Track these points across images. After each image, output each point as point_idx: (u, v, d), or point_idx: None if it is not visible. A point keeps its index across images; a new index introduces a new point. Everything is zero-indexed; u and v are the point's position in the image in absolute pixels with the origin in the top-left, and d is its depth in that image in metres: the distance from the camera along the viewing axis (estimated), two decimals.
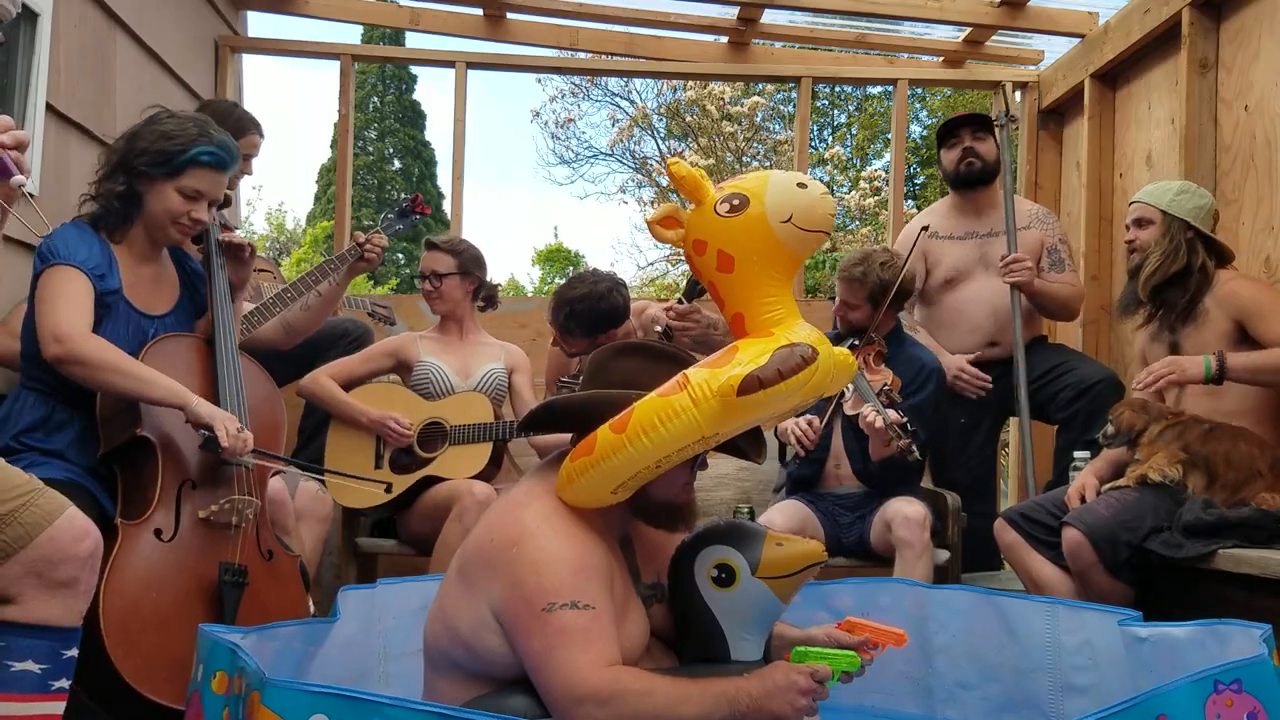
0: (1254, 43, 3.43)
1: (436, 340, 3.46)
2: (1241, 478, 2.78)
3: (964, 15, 4.57)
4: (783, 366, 1.56)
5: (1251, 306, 2.88)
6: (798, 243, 1.67)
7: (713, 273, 1.71)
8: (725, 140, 14.20)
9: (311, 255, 16.91)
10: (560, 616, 1.61)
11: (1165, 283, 2.97)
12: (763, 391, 1.55)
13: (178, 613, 2.18)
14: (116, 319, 2.33)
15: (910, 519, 3.00)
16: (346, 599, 2.31)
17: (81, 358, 2.17)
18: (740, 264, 1.67)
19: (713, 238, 1.69)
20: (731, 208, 1.67)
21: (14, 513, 1.68)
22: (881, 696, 2.63)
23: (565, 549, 1.67)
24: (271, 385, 2.64)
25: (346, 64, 4.72)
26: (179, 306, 2.51)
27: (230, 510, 2.31)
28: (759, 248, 1.66)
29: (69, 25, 3.14)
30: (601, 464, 1.65)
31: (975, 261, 3.82)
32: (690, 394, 1.60)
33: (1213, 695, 1.59)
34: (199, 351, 2.45)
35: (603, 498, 1.72)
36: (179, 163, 2.34)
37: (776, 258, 1.68)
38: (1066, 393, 3.58)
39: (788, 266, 1.71)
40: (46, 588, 1.70)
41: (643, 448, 1.61)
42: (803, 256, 1.74)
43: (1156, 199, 3.06)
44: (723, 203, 1.68)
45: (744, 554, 1.76)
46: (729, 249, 1.67)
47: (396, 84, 24.31)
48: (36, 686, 1.69)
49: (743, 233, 1.66)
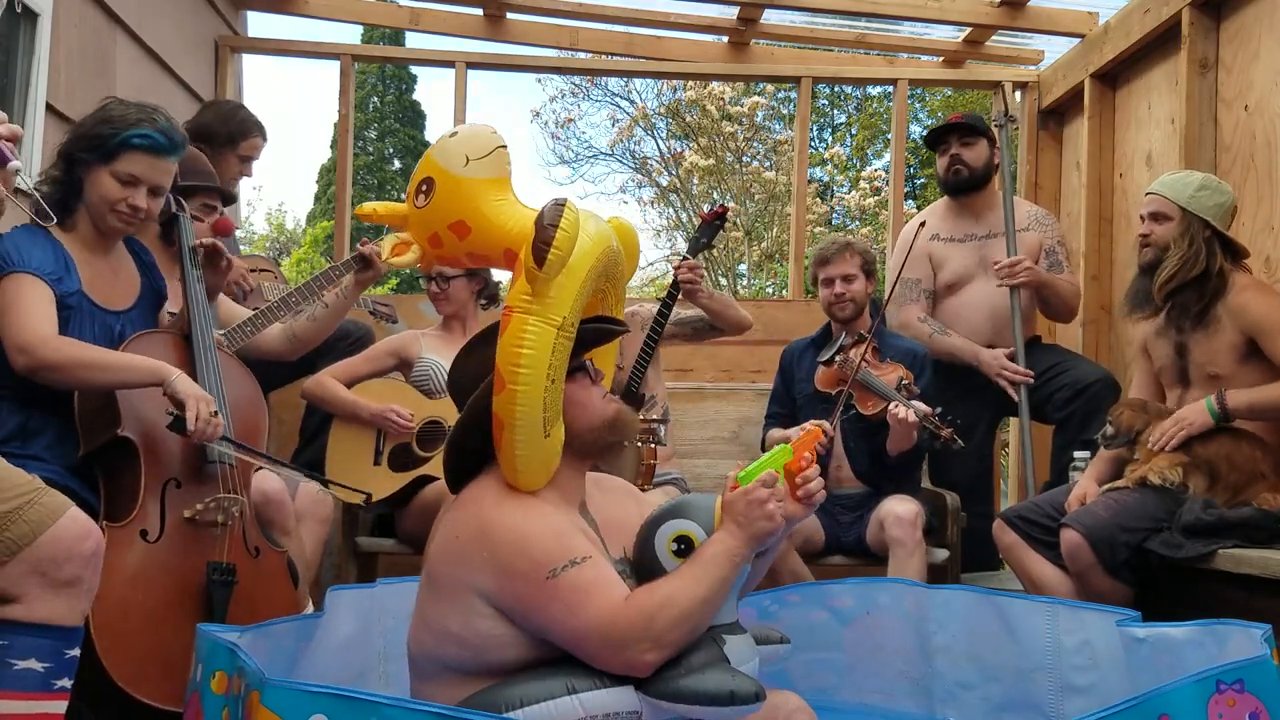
0: (1254, 43, 3.43)
1: (439, 338, 3.46)
2: (1243, 479, 2.78)
3: (964, 15, 4.57)
4: (547, 221, 1.62)
5: (1263, 323, 2.79)
6: (490, 169, 1.81)
7: (459, 245, 1.84)
8: (725, 140, 14.18)
9: (311, 255, 16.89)
10: (566, 577, 1.65)
11: (1182, 286, 2.89)
12: (552, 250, 1.60)
13: (166, 613, 2.16)
14: (81, 319, 2.29)
15: (902, 518, 3.01)
16: (338, 599, 2.32)
17: (51, 364, 2.13)
18: (470, 219, 1.80)
19: (433, 224, 1.83)
20: (424, 193, 1.81)
21: (17, 511, 1.68)
22: (881, 696, 2.63)
23: (533, 520, 1.72)
24: (254, 386, 2.61)
25: (346, 64, 4.73)
26: (142, 299, 2.47)
27: (216, 509, 2.29)
28: (466, 200, 1.80)
29: (69, 25, 3.15)
30: (513, 423, 1.67)
31: (975, 265, 3.81)
32: (515, 308, 1.66)
33: (1215, 695, 1.60)
34: (176, 349, 2.41)
35: (544, 450, 1.73)
36: (112, 146, 2.27)
37: (483, 194, 1.80)
38: (1063, 393, 3.58)
39: (499, 190, 1.84)
40: (50, 587, 1.70)
41: (526, 378, 1.64)
42: (504, 175, 1.85)
43: (1176, 193, 2.92)
44: (416, 198, 1.82)
45: (697, 521, 1.82)
46: (453, 219, 1.81)
47: (396, 84, 24.30)
48: (39, 685, 1.70)
49: (449, 199, 1.80)
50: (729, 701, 1.65)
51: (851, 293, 3.35)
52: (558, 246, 1.61)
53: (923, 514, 3.08)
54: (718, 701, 1.65)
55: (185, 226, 2.54)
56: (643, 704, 1.69)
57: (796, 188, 5.02)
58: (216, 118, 3.60)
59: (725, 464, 3.86)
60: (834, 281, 3.36)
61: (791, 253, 4.94)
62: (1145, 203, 3.02)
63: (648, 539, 1.85)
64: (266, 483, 2.65)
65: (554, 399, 1.70)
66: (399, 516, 3.28)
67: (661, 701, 1.68)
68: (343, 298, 2.98)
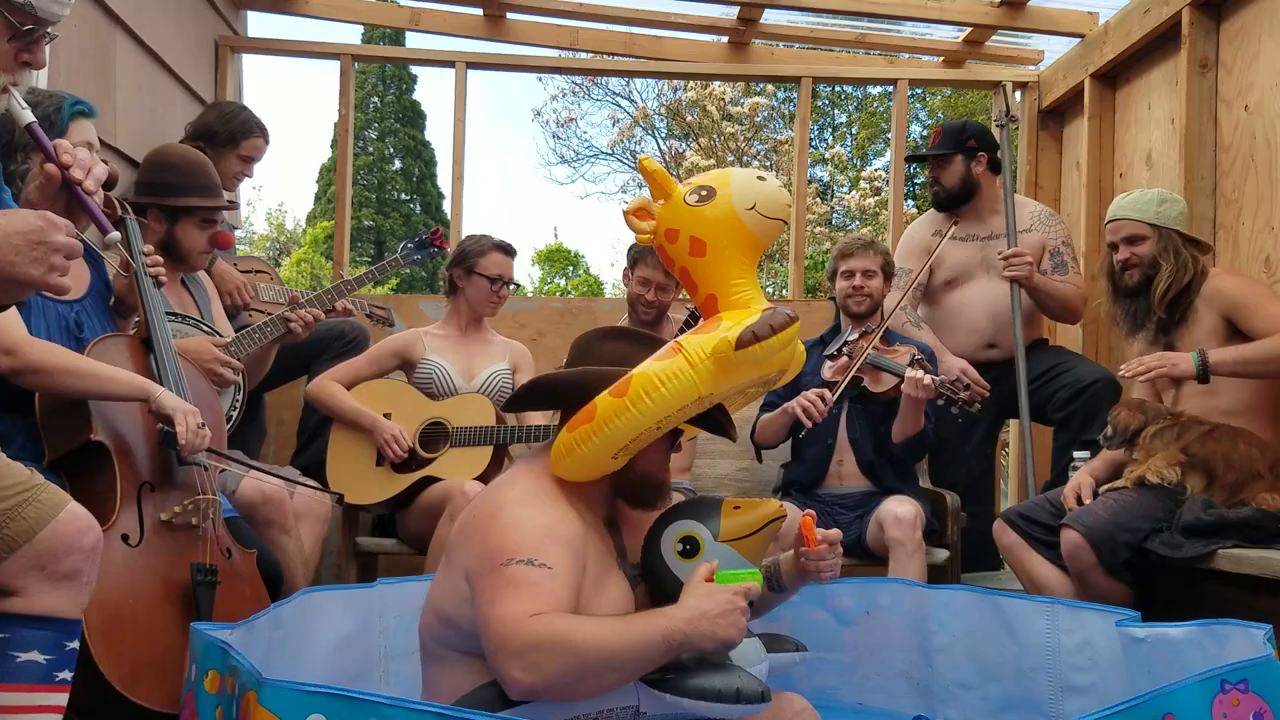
0: (1254, 43, 3.43)
1: (443, 338, 3.45)
2: (1241, 479, 2.78)
3: (964, 15, 4.57)
4: (773, 322, 1.71)
5: (1239, 300, 2.92)
6: (761, 229, 1.84)
7: (685, 258, 1.86)
8: (726, 140, 14.20)
9: (312, 255, 16.89)
10: (513, 570, 1.62)
11: (1179, 294, 2.98)
12: (756, 345, 1.69)
13: (155, 616, 2.17)
14: (33, 313, 2.28)
15: (902, 518, 3.01)
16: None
17: (36, 366, 2.13)
18: (711, 248, 1.83)
19: (684, 225, 1.84)
20: (700, 198, 1.83)
21: (17, 508, 1.68)
22: (881, 696, 2.63)
23: (538, 515, 1.72)
24: (207, 384, 2.61)
25: (346, 64, 4.72)
26: (92, 289, 2.46)
27: (194, 511, 2.30)
28: (726, 232, 1.83)
29: (69, 25, 3.14)
30: (605, 428, 1.72)
31: (976, 264, 3.83)
32: (686, 357, 1.73)
33: (1219, 695, 1.60)
34: (136, 352, 2.41)
35: (604, 464, 1.78)
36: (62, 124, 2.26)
37: (742, 243, 1.84)
38: (1063, 393, 3.58)
39: (752, 252, 1.87)
40: (49, 580, 1.70)
41: (645, 409, 1.70)
42: (764, 244, 1.90)
43: (1143, 213, 3.05)
44: (691, 194, 1.84)
45: (704, 524, 1.84)
46: (700, 234, 1.83)
47: (396, 84, 24.31)
48: (42, 677, 1.70)
49: (712, 219, 1.82)
50: (735, 699, 1.66)
51: (870, 287, 3.39)
52: (762, 347, 1.70)
53: (923, 515, 3.09)
54: (723, 699, 1.66)
55: (133, 230, 2.53)
56: (645, 697, 1.69)
57: (796, 188, 5.02)
58: (218, 118, 3.59)
59: (725, 464, 3.86)
60: (854, 275, 3.40)
61: (791, 253, 4.94)
62: (1114, 229, 3.11)
63: (654, 539, 1.87)
64: (265, 483, 2.65)
65: (645, 439, 1.76)
66: (400, 517, 3.28)
67: (665, 695, 1.68)
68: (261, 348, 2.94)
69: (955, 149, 3.82)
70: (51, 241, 1.53)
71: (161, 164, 2.86)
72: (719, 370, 1.72)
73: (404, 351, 3.41)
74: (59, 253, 1.54)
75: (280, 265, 16.20)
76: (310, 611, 2.30)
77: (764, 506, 1.90)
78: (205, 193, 2.87)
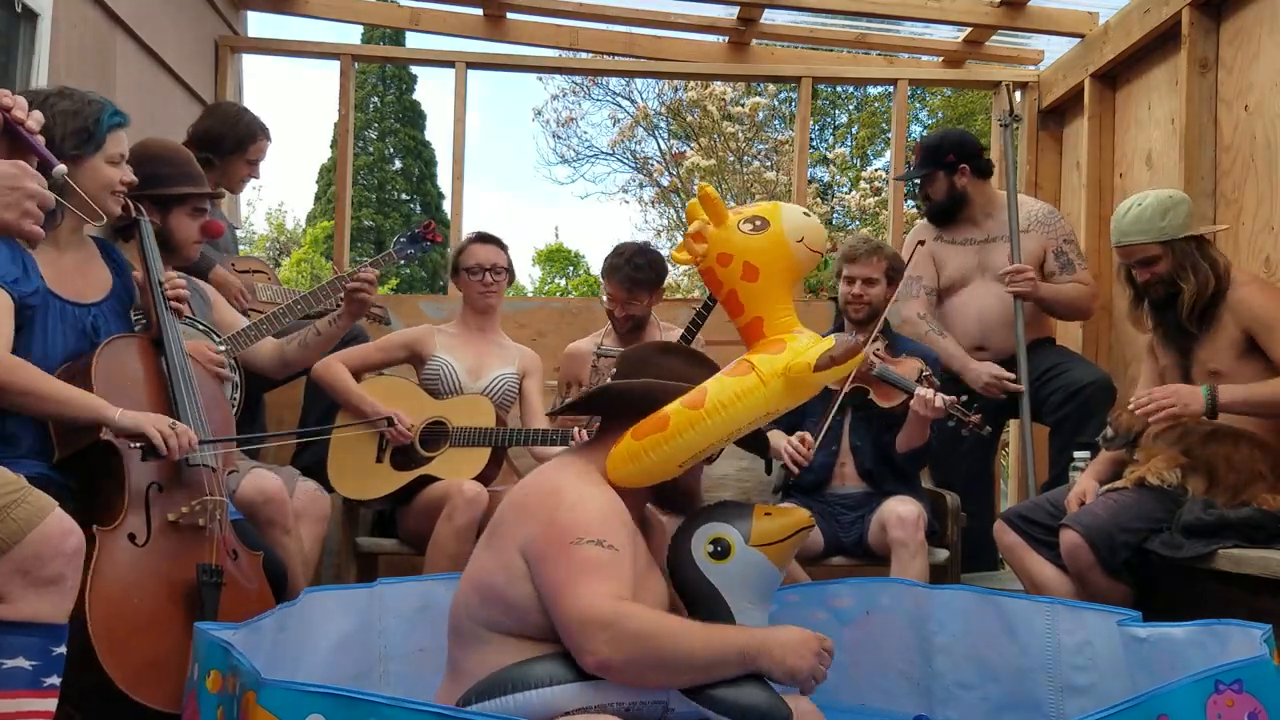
0: (1254, 43, 3.43)
1: (454, 336, 3.45)
2: (1242, 480, 2.78)
3: (964, 15, 4.57)
4: (848, 349, 1.87)
5: (1263, 318, 2.83)
6: (806, 260, 1.99)
7: (736, 281, 1.97)
8: (726, 140, 14.19)
9: (312, 255, 16.90)
10: (585, 549, 1.71)
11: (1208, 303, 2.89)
12: (834, 370, 1.86)
13: (161, 616, 2.16)
14: (49, 316, 2.28)
15: (904, 519, 3.01)
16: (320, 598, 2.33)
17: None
18: (763, 274, 1.95)
19: (739, 252, 1.96)
20: (754, 227, 1.96)
21: (4, 510, 1.68)
22: (882, 696, 2.63)
23: (601, 496, 1.82)
24: (215, 385, 2.62)
25: (346, 64, 4.72)
26: (112, 294, 2.46)
27: (200, 512, 2.29)
28: (776, 259, 1.96)
29: (69, 25, 3.15)
30: (678, 438, 1.83)
31: (974, 268, 3.83)
32: (758, 374, 1.85)
33: (1214, 695, 1.60)
34: (146, 352, 2.42)
35: (669, 472, 1.88)
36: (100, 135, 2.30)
37: (789, 271, 1.99)
38: (1056, 395, 3.58)
39: (794, 280, 2.04)
40: (33, 585, 1.70)
41: (720, 420, 1.82)
42: (804, 274, 2.10)
43: (1147, 232, 2.90)
44: (745, 223, 1.97)
45: (736, 527, 1.89)
46: (754, 261, 1.95)
47: (396, 84, 24.30)
48: (29, 683, 1.69)
49: (765, 248, 1.95)
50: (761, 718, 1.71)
51: (869, 296, 3.35)
52: (835, 371, 1.85)
53: (925, 515, 3.08)
54: (750, 717, 1.71)
55: (146, 231, 2.53)
56: (676, 696, 1.73)
57: (797, 188, 5.02)
58: (222, 124, 3.57)
59: (725, 463, 3.85)
60: (855, 281, 3.37)
61: None
62: (1125, 253, 2.98)
63: (684, 539, 1.92)
64: (265, 482, 2.65)
65: (710, 451, 1.88)
66: (400, 516, 3.28)
67: (694, 702, 1.73)
68: (335, 325, 2.95)
69: (935, 166, 3.82)
70: (24, 188, 1.57)
71: (148, 157, 2.86)
72: (787, 389, 1.86)
73: (415, 345, 3.41)
74: (33, 199, 1.58)
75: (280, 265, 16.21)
76: (310, 611, 2.30)
77: (794, 514, 1.96)
78: (193, 181, 2.91)
